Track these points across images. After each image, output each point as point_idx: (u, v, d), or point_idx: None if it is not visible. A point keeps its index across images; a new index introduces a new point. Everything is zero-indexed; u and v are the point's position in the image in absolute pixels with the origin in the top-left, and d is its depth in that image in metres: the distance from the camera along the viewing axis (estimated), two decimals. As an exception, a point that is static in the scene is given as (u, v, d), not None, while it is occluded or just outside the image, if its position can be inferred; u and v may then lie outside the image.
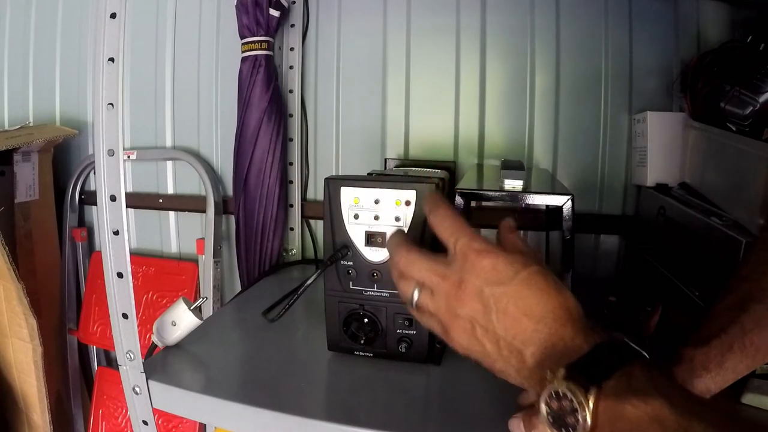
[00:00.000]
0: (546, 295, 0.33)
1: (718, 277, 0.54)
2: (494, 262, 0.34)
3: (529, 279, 0.33)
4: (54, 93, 1.14)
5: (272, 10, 0.85)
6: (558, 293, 0.33)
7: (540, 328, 0.32)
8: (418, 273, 0.37)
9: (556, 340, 0.32)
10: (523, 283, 0.33)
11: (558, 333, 0.32)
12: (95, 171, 0.48)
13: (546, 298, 0.33)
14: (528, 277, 0.33)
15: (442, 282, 0.35)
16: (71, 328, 1.12)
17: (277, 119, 0.89)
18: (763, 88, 0.61)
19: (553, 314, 0.32)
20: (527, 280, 0.33)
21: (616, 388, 0.28)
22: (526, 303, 0.33)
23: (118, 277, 0.49)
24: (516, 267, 0.33)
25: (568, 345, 0.31)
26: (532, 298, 0.33)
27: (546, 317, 0.32)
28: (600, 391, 0.28)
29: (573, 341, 0.31)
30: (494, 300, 0.33)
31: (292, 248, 0.98)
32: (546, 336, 0.32)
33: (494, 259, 0.34)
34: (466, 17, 0.91)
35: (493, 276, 0.33)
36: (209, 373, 0.56)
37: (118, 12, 0.46)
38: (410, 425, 0.45)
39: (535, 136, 0.90)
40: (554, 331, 0.32)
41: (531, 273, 0.33)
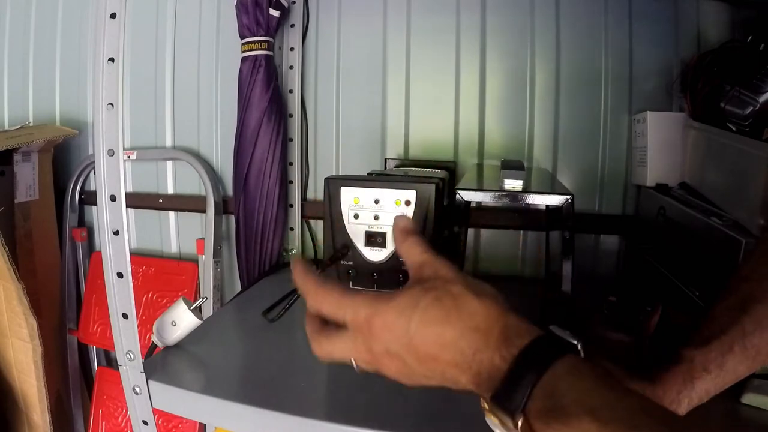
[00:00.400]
0: (447, 324, 0.31)
1: (718, 277, 0.54)
2: (384, 321, 0.32)
3: (424, 317, 0.31)
4: (54, 93, 1.14)
5: (272, 10, 0.85)
6: (459, 316, 0.31)
7: (458, 361, 0.30)
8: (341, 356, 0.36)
9: (478, 363, 0.30)
10: (420, 326, 0.31)
11: (477, 357, 0.30)
12: (95, 171, 0.48)
13: (449, 328, 0.31)
14: (423, 315, 0.31)
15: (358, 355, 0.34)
16: (71, 328, 1.12)
17: (277, 119, 0.89)
18: (763, 88, 0.61)
19: (465, 338, 0.30)
20: (423, 320, 0.31)
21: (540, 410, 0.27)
22: (433, 342, 0.31)
23: (118, 277, 0.49)
24: (406, 314, 0.31)
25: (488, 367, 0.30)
26: (435, 335, 0.31)
27: (458, 348, 0.30)
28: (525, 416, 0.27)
29: (492, 363, 0.29)
30: (404, 354, 0.32)
31: (292, 248, 0.98)
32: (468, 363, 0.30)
33: (383, 318, 0.32)
34: (466, 17, 0.91)
35: (390, 334, 0.32)
36: (209, 373, 0.56)
37: (118, 12, 0.46)
38: (410, 425, 0.45)
39: (535, 136, 0.90)
40: (473, 356, 0.30)
41: (424, 308, 0.31)
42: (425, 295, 0.32)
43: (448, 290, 0.32)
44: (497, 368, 0.29)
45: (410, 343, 0.31)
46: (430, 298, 0.32)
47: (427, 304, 0.31)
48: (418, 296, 0.32)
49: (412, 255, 0.36)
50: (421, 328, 0.31)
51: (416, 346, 0.31)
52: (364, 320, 0.33)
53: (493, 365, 0.29)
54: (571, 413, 0.25)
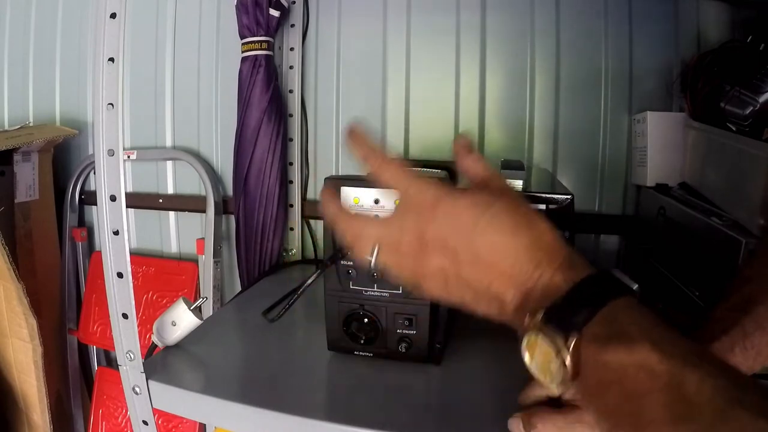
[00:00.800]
0: (515, 235, 0.30)
1: (718, 277, 0.54)
2: (453, 209, 0.31)
3: (496, 219, 0.30)
4: (54, 93, 1.14)
5: (272, 10, 0.85)
6: (529, 229, 0.30)
7: (515, 271, 0.29)
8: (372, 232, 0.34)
9: (534, 281, 0.29)
10: (489, 225, 0.30)
11: (535, 273, 0.29)
12: (95, 171, 0.48)
13: (516, 238, 0.30)
14: (493, 217, 0.30)
15: (401, 238, 0.32)
16: (71, 328, 1.12)
17: (277, 119, 0.89)
18: (763, 88, 0.61)
19: (527, 253, 0.29)
20: (493, 220, 0.30)
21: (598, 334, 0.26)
22: (495, 248, 0.30)
23: (118, 277, 0.49)
24: (479, 209, 0.30)
25: (547, 285, 0.29)
26: (500, 241, 0.30)
27: (520, 258, 0.29)
28: (581, 336, 0.26)
29: (551, 281, 0.29)
30: (462, 248, 0.30)
31: (292, 248, 0.98)
32: (523, 278, 0.29)
33: (452, 205, 0.31)
34: (466, 17, 0.91)
35: (455, 224, 0.31)
36: (209, 373, 0.56)
37: (118, 12, 0.46)
38: (410, 425, 0.45)
39: (535, 136, 0.90)
40: (531, 272, 0.29)
41: (496, 212, 0.30)
42: (498, 200, 0.31)
43: (518, 205, 0.31)
44: (556, 287, 0.28)
45: (472, 240, 0.30)
46: (503, 204, 0.31)
47: (499, 210, 0.30)
48: (491, 199, 0.31)
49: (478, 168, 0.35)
50: (489, 229, 0.30)
51: (477, 245, 0.30)
52: (430, 200, 0.31)
53: (552, 284, 0.29)
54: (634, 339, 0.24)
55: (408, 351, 0.53)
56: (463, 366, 0.56)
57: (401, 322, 0.53)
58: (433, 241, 0.31)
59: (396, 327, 0.53)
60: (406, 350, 0.53)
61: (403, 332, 0.53)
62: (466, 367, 0.55)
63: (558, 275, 0.29)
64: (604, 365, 0.25)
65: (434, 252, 0.31)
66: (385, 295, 0.53)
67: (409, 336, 0.53)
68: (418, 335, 0.53)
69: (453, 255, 0.31)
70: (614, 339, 0.25)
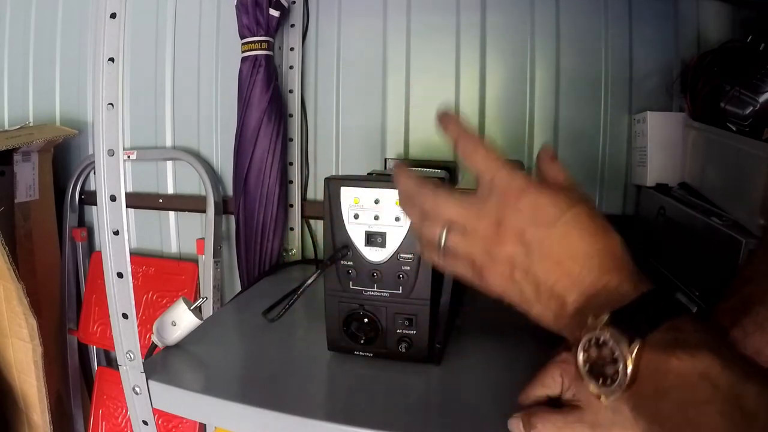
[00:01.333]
0: (593, 238, 0.31)
1: (718, 277, 0.54)
2: (537, 202, 0.31)
3: (575, 220, 0.31)
4: (54, 93, 1.14)
5: (272, 10, 0.85)
6: (605, 236, 0.31)
7: (585, 274, 0.30)
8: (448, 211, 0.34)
9: (601, 286, 0.30)
10: (568, 225, 0.31)
11: (603, 279, 0.30)
12: (95, 171, 0.48)
13: (592, 241, 0.31)
14: (574, 218, 0.31)
15: (478, 221, 0.32)
16: (71, 328, 1.12)
17: (277, 119, 0.89)
18: (763, 88, 0.61)
19: (600, 259, 0.30)
20: (573, 221, 0.31)
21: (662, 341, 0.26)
22: (571, 246, 0.30)
23: (118, 277, 0.49)
24: (561, 207, 0.31)
25: (613, 292, 0.29)
26: (577, 241, 0.31)
27: (592, 262, 0.30)
28: (645, 342, 0.26)
29: (619, 288, 0.29)
30: (537, 242, 0.31)
31: (292, 248, 0.98)
32: (590, 282, 0.30)
33: (537, 198, 0.31)
34: (466, 17, 0.91)
35: (536, 217, 0.31)
36: (209, 373, 0.56)
37: (118, 12, 0.46)
38: (410, 425, 0.45)
39: (535, 136, 0.90)
40: (599, 277, 0.30)
41: (577, 214, 0.31)
42: (580, 203, 0.32)
43: (596, 213, 0.32)
44: (624, 293, 0.29)
45: (549, 236, 0.31)
46: (585, 208, 0.32)
47: (580, 212, 0.31)
48: (575, 200, 0.32)
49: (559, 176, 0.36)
50: (568, 228, 0.31)
51: (553, 241, 0.31)
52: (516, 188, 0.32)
53: (620, 290, 0.29)
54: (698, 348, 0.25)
55: (408, 351, 0.53)
56: (463, 366, 0.56)
57: (401, 322, 0.53)
58: (510, 230, 0.31)
59: (396, 327, 0.53)
60: (406, 350, 0.53)
61: (403, 332, 0.53)
62: (466, 367, 0.55)
63: (626, 284, 0.29)
64: (665, 372, 0.25)
65: (509, 240, 0.31)
66: (385, 295, 0.53)
67: (409, 336, 0.53)
68: (418, 335, 0.53)
69: (527, 246, 0.31)
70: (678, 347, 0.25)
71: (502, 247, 0.32)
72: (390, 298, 0.53)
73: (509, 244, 0.31)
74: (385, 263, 0.52)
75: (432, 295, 0.52)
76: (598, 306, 0.29)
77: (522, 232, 0.31)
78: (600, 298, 0.29)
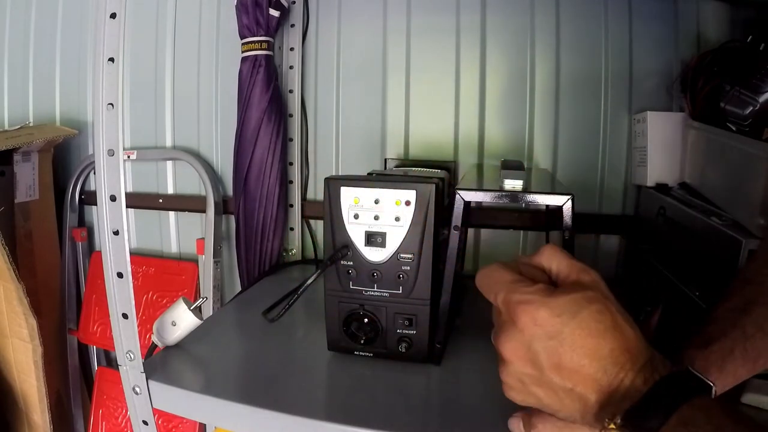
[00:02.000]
0: (602, 339, 0.31)
1: (718, 277, 0.54)
2: (536, 316, 0.32)
3: (582, 326, 0.31)
4: (54, 93, 1.14)
5: (272, 10, 0.85)
6: (614, 334, 0.31)
7: (599, 376, 0.31)
8: None
9: (619, 383, 0.30)
10: (575, 333, 0.31)
11: (620, 376, 0.30)
12: (95, 171, 0.48)
13: (602, 342, 0.31)
14: (580, 324, 0.31)
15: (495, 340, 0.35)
16: (71, 328, 1.12)
17: (277, 119, 0.89)
18: (763, 88, 0.61)
19: (613, 358, 0.31)
20: (580, 328, 0.31)
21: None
22: (581, 352, 0.31)
23: (118, 277, 0.49)
24: (564, 318, 0.31)
25: (628, 387, 0.30)
26: (586, 346, 0.31)
27: (605, 362, 0.31)
28: None
29: (633, 383, 0.30)
30: (546, 355, 0.32)
31: (292, 248, 0.98)
32: (607, 381, 0.31)
33: (536, 311, 0.32)
34: (466, 17, 0.91)
35: (539, 331, 0.32)
36: (209, 373, 0.56)
37: (118, 12, 0.46)
38: (410, 425, 0.45)
39: (535, 136, 0.90)
40: (616, 375, 0.30)
41: (582, 320, 0.31)
42: (588, 305, 0.32)
43: (608, 307, 0.32)
44: (636, 389, 0.30)
45: (557, 347, 0.31)
46: (592, 310, 0.32)
47: (588, 315, 0.31)
48: (581, 304, 0.32)
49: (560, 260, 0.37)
50: (577, 336, 0.31)
51: (562, 352, 0.31)
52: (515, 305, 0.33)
53: (633, 386, 0.30)
54: None
55: (408, 351, 0.53)
56: (463, 366, 0.56)
57: (401, 322, 0.53)
58: (517, 346, 0.33)
59: (396, 327, 0.53)
60: (406, 350, 0.53)
61: (403, 332, 0.53)
62: (466, 367, 0.55)
63: (639, 377, 0.30)
64: None
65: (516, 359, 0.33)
66: (385, 295, 0.53)
67: (409, 336, 0.53)
68: (418, 335, 0.53)
69: (533, 360, 0.32)
70: None
71: (510, 366, 0.33)
72: (390, 298, 0.53)
73: (516, 363, 0.33)
74: (385, 263, 0.52)
75: (432, 295, 0.52)
76: (615, 404, 0.30)
77: (528, 347, 0.32)
78: (617, 395, 0.30)
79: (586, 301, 0.32)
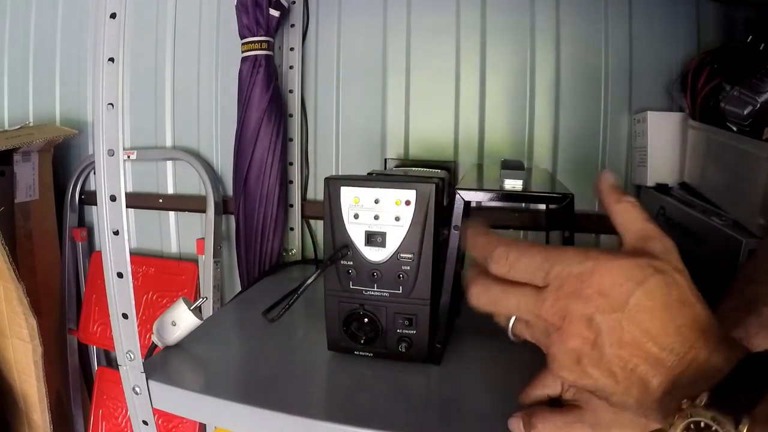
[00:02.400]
0: (670, 312, 0.28)
1: (718, 277, 0.54)
2: (602, 285, 0.28)
3: (648, 297, 0.28)
4: (54, 93, 1.14)
5: (272, 10, 0.85)
6: (683, 306, 0.28)
7: (666, 354, 0.27)
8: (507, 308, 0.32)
9: (688, 363, 0.27)
10: (640, 305, 0.28)
11: (689, 355, 0.27)
12: (95, 171, 0.48)
13: (671, 316, 0.28)
14: (646, 294, 0.28)
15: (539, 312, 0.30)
16: (71, 328, 1.12)
17: (277, 119, 0.89)
18: (763, 88, 0.61)
19: (682, 335, 0.27)
20: (645, 298, 0.28)
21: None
22: (646, 327, 0.27)
23: (118, 277, 0.49)
24: (629, 286, 0.28)
25: (703, 367, 0.27)
26: (653, 319, 0.27)
27: (673, 340, 0.27)
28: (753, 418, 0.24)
29: (709, 362, 0.27)
30: (607, 329, 0.28)
31: (292, 248, 0.98)
32: (675, 362, 0.27)
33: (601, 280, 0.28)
34: (466, 17, 0.91)
35: (602, 302, 0.28)
36: (209, 373, 0.56)
37: (118, 12, 0.46)
38: (410, 425, 0.45)
39: (535, 136, 0.90)
40: (684, 354, 0.27)
41: (648, 290, 0.28)
42: (655, 274, 0.28)
43: (675, 279, 0.29)
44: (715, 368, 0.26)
45: (620, 320, 0.28)
46: (659, 279, 0.28)
47: (655, 284, 0.28)
48: (647, 271, 0.28)
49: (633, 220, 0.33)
50: (642, 307, 0.28)
51: (624, 325, 0.28)
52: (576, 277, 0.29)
53: (710, 364, 0.27)
54: None
55: (408, 351, 0.53)
56: (463, 366, 0.56)
57: (401, 322, 0.53)
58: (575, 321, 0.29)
59: (396, 327, 0.53)
60: (406, 350, 0.53)
61: (403, 332, 0.53)
62: (466, 367, 0.55)
63: (716, 355, 0.27)
64: None
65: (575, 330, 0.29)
66: (385, 295, 0.53)
67: (409, 336, 0.53)
68: (418, 335, 0.53)
69: (596, 335, 0.28)
70: None
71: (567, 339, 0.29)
72: (390, 298, 0.53)
73: (575, 336, 0.29)
74: (385, 263, 0.52)
75: (432, 295, 0.52)
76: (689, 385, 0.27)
77: (589, 320, 0.28)
78: (687, 376, 0.27)
79: (653, 270, 0.28)
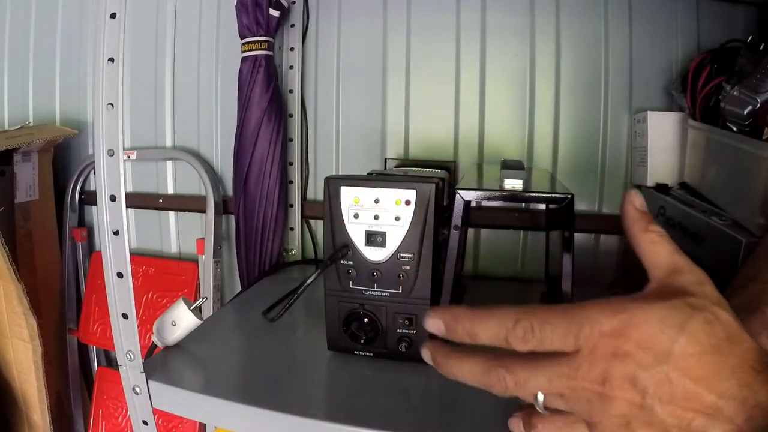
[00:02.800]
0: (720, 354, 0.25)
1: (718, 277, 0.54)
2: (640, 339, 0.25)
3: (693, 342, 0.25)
4: (54, 93, 1.14)
5: (272, 10, 0.85)
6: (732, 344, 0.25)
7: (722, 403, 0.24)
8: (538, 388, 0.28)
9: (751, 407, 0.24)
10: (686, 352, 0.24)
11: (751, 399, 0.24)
12: (95, 171, 0.48)
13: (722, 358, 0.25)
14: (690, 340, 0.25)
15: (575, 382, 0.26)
16: (71, 328, 1.12)
17: (277, 119, 0.89)
18: (763, 87, 0.61)
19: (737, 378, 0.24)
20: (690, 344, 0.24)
21: None
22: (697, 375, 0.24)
23: (118, 277, 0.49)
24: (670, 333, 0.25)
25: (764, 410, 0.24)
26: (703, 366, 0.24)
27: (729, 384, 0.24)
28: None
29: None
30: (654, 386, 0.25)
31: (292, 248, 0.98)
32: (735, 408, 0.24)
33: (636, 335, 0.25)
34: (466, 17, 0.91)
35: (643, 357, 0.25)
36: (209, 373, 0.56)
37: (118, 12, 0.46)
38: (410, 425, 0.45)
39: (535, 136, 0.90)
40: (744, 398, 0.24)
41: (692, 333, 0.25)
42: (694, 314, 0.25)
43: (717, 315, 0.26)
44: None
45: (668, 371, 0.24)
46: (700, 319, 0.25)
47: (697, 326, 0.25)
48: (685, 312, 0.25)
49: (661, 252, 0.31)
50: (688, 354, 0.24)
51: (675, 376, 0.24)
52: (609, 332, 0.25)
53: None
54: None
55: (408, 351, 0.53)
56: (463, 366, 0.55)
57: (401, 321, 0.53)
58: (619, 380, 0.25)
59: (396, 327, 0.53)
60: (406, 350, 0.53)
61: (403, 332, 0.53)
62: (466, 367, 0.55)
63: None
64: None
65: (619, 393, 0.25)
66: (385, 295, 0.53)
67: (409, 336, 0.53)
68: (418, 335, 0.53)
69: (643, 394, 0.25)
70: None
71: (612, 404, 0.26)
72: (390, 298, 0.53)
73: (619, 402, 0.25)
74: (385, 263, 0.52)
75: (432, 295, 0.52)
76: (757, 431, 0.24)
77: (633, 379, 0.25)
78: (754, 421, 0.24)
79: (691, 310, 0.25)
